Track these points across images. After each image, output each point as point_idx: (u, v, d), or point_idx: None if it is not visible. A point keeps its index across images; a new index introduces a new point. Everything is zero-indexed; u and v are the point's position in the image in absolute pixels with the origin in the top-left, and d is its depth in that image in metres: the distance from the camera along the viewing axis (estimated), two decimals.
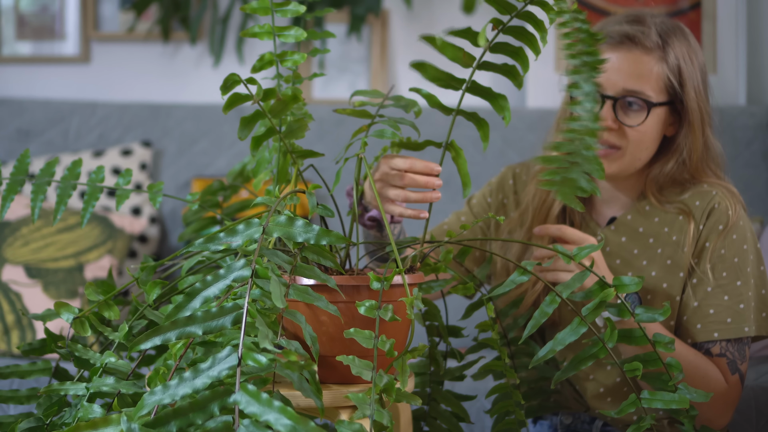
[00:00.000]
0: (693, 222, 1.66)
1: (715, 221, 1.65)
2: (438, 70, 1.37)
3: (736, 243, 1.65)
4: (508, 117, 1.37)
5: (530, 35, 1.32)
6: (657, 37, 1.68)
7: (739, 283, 1.64)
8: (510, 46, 1.34)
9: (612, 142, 1.67)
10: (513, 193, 1.84)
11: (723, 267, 1.64)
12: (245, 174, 1.69)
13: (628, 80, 1.66)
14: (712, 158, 1.73)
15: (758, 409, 2.10)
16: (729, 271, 1.64)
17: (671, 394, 1.37)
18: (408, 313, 1.24)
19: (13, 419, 1.38)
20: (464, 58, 1.34)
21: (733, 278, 1.64)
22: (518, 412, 1.53)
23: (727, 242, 1.65)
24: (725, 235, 1.65)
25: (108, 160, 2.98)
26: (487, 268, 1.65)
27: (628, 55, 1.67)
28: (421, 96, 1.41)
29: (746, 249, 1.66)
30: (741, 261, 1.65)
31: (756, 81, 3.19)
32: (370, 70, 3.29)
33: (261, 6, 1.41)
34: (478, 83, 1.38)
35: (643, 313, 1.40)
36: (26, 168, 1.50)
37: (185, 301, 1.14)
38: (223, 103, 1.34)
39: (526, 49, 1.33)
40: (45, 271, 2.69)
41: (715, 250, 1.65)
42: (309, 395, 1.11)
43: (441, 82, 1.38)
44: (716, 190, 1.68)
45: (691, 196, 1.69)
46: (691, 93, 1.68)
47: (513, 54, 1.35)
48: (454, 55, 1.35)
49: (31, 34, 3.35)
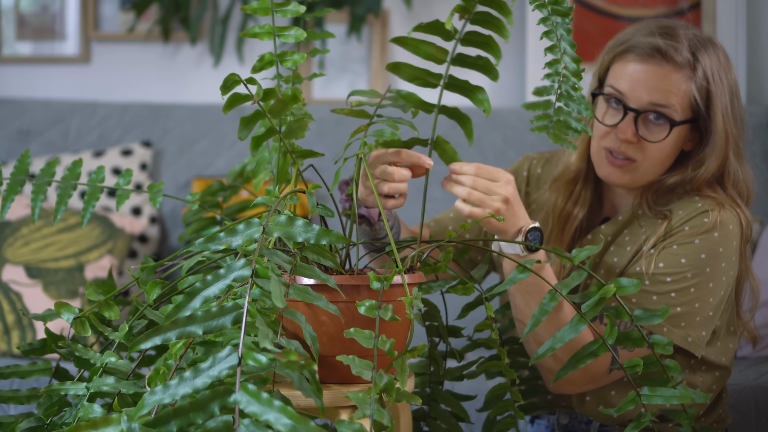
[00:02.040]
0: (667, 223, 1.63)
1: (686, 225, 1.62)
2: (414, 68, 1.38)
3: (694, 247, 1.60)
4: (488, 109, 1.38)
5: (496, 20, 1.32)
6: (689, 54, 1.63)
7: (669, 280, 1.58)
8: (480, 35, 1.35)
9: (629, 155, 1.63)
10: (525, 185, 1.84)
11: (664, 259, 1.60)
12: (245, 174, 1.69)
13: (654, 95, 1.61)
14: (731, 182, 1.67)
15: (758, 409, 2.10)
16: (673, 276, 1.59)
17: (671, 390, 1.37)
18: (408, 313, 1.24)
19: (14, 419, 1.38)
20: (437, 53, 1.35)
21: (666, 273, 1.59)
22: (516, 411, 1.53)
23: (686, 242, 1.60)
24: (688, 236, 1.60)
25: (108, 160, 2.98)
26: (485, 268, 1.65)
27: (656, 70, 1.62)
28: (400, 96, 1.41)
29: (703, 259, 1.59)
30: (688, 264, 1.59)
31: (756, 81, 3.19)
32: (370, 70, 3.29)
33: (261, 6, 1.42)
34: (455, 77, 1.39)
35: (641, 314, 1.40)
36: (26, 168, 1.50)
37: (185, 300, 1.14)
38: (223, 103, 1.34)
39: (496, 37, 1.33)
40: (45, 271, 2.69)
41: (669, 245, 1.61)
42: (309, 395, 1.11)
43: (419, 80, 1.39)
44: (704, 202, 1.64)
45: (677, 205, 1.65)
46: (717, 114, 1.64)
47: (483, 45, 1.35)
48: (427, 53, 1.36)
49: (32, 34, 3.35)
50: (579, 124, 1.27)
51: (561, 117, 1.30)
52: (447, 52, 1.35)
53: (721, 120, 1.64)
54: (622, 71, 1.65)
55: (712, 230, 1.60)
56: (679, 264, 1.59)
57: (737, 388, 2.11)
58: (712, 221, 1.60)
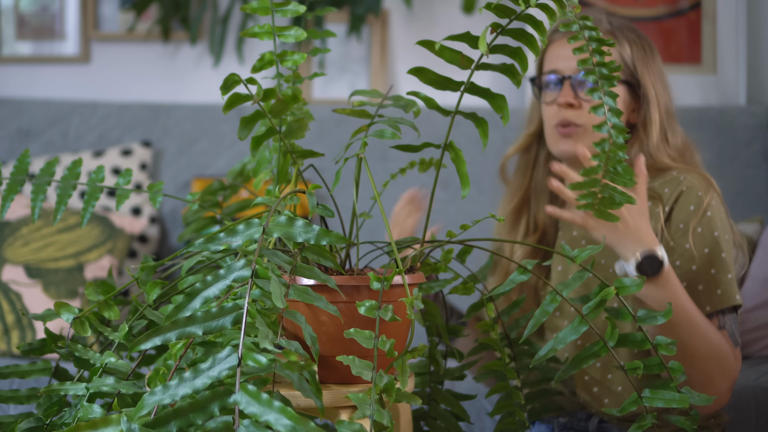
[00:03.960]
0: (661, 206, 1.68)
1: (685, 202, 1.67)
2: (435, 74, 1.37)
3: (712, 220, 1.67)
4: (507, 116, 1.37)
5: (529, 36, 1.32)
6: (608, 25, 1.79)
7: (724, 255, 1.66)
8: (508, 47, 1.34)
9: (574, 121, 1.73)
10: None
11: (704, 243, 1.66)
12: (245, 174, 1.69)
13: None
14: (669, 146, 1.78)
15: (758, 409, 2.10)
16: (711, 246, 1.66)
17: (672, 393, 1.36)
18: (408, 313, 1.24)
19: (13, 419, 1.38)
20: (462, 60, 1.34)
21: (717, 251, 1.65)
22: (519, 412, 1.53)
23: (704, 221, 1.67)
24: (699, 214, 1.67)
25: (108, 160, 2.98)
26: (488, 268, 1.65)
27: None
28: (420, 99, 1.41)
29: (721, 226, 1.68)
30: (721, 235, 1.67)
31: (756, 81, 3.19)
32: (370, 70, 3.29)
33: (261, 6, 1.41)
34: (476, 84, 1.38)
35: (644, 314, 1.40)
36: (26, 168, 1.50)
37: (185, 301, 1.13)
38: (223, 103, 1.34)
39: (525, 49, 1.33)
40: (45, 271, 2.69)
41: (694, 232, 1.66)
42: (309, 395, 1.11)
43: (438, 85, 1.38)
44: (685, 175, 1.71)
45: (661, 184, 1.73)
46: (645, 75, 1.76)
47: (512, 54, 1.35)
48: (452, 58, 1.35)
49: (31, 34, 3.35)
50: (623, 197, 1.28)
51: (606, 193, 1.29)
52: (472, 61, 1.35)
53: (649, 78, 1.77)
54: (551, 54, 1.81)
55: (710, 200, 1.68)
56: (714, 238, 1.67)
57: (737, 388, 2.11)
58: (705, 194, 1.69)
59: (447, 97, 1.63)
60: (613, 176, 1.30)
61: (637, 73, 1.77)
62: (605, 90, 1.27)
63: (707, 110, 2.97)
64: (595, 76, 1.27)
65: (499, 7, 1.29)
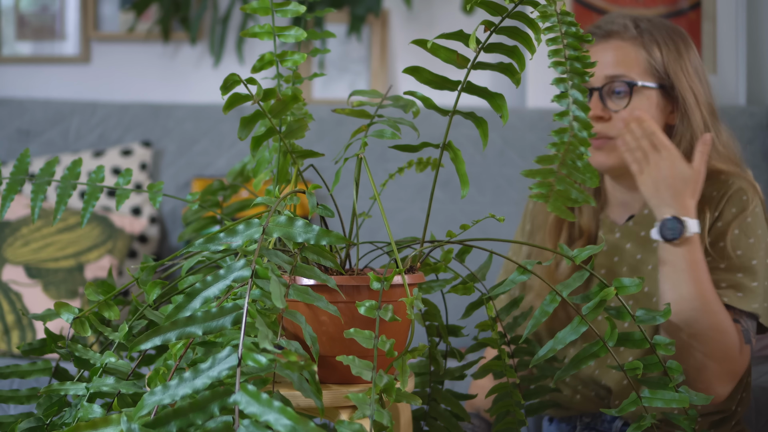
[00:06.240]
0: (708, 211, 1.67)
1: (730, 206, 1.66)
2: (432, 73, 1.37)
3: (751, 226, 1.66)
4: (506, 115, 1.37)
5: (524, 34, 1.32)
6: (633, 29, 1.73)
7: (755, 263, 1.65)
8: (505, 46, 1.34)
9: (603, 133, 1.70)
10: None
11: (737, 246, 1.65)
12: (245, 174, 1.69)
13: (609, 68, 1.70)
14: (717, 149, 1.74)
15: (758, 409, 2.10)
16: (744, 250, 1.65)
17: (672, 393, 1.37)
18: (408, 313, 1.24)
19: (13, 419, 1.38)
20: (458, 60, 1.34)
21: (749, 257, 1.64)
22: (518, 411, 1.53)
23: (743, 225, 1.66)
24: (740, 218, 1.66)
25: (108, 160, 2.98)
26: (488, 268, 1.65)
27: (605, 46, 1.72)
28: (418, 99, 1.41)
29: (760, 234, 1.67)
30: (756, 243, 1.66)
31: (756, 81, 3.19)
32: (370, 70, 3.29)
33: (261, 6, 1.41)
34: (474, 84, 1.38)
35: (643, 314, 1.40)
36: (26, 168, 1.50)
37: (185, 301, 1.14)
38: (223, 103, 1.34)
39: (522, 48, 1.33)
40: (45, 271, 2.69)
41: (731, 232, 1.65)
42: (309, 395, 1.11)
43: (435, 84, 1.38)
44: (733, 179, 1.69)
45: (708, 188, 1.70)
46: (680, 75, 1.72)
47: (508, 53, 1.34)
48: (448, 57, 1.35)
49: (31, 34, 3.35)
50: (580, 195, 1.26)
51: (562, 186, 1.28)
52: (468, 60, 1.35)
53: (684, 79, 1.72)
54: None
55: (754, 207, 1.67)
56: (750, 244, 1.66)
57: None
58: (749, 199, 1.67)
59: (446, 96, 1.63)
60: (572, 170, 1.28)
61: (670, 75, 1.72)
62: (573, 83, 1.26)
63: None
64: (564, 67, 1.26)
65: (489, 5, 1.28)
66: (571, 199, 1.26)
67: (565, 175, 1.25)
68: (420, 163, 1.59)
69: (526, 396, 1.59)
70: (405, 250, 1.52)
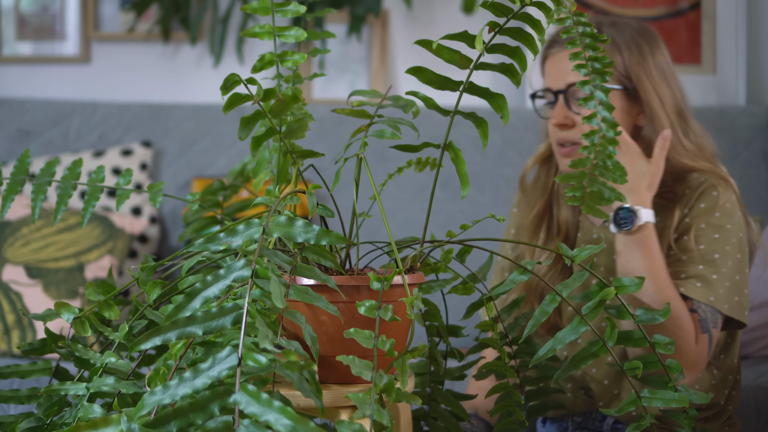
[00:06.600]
0: (678, 208, 1.69)
1: (700, 202, 1.68)
2: (434, 74, 1.37)
3: (718, 221, 1.68)
4: (507, 116, 1.37)
5: (527, 35, 1.32)
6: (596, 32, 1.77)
7: (717, 257, 1.66)
8: (507, 47, 1.34)
9: (572, 139, 1.73)
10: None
11: (701, 240, 1.67)
12: (245, 174, 1.69)
13: (570, 76, 1.73)
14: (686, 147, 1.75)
15: (758, 409, 2.10)
16: (707, 245, 1.67)
17: (671, 393, 1.37)
18: (408, 313, 1.24)
19: (14, 419, 1.38)
20: (461, 60, 1.34)
21: (711, 251, 1.65)
22: (518, 412, 1.53)
23: (710, 220, 1.68)
24: (708, 213, 1.68)
25: (108, 160, 2.98)
26: (488, 268, 1.65)
27: (563, 53, 1.74)
28: (419, 99, 1.41)
29: (729, 229, 1.68)
30: (721, 238, 1.67)
31: (756, 81, 3.19)
32: (370, 70, 3.29)
33: (261, 6, 1.41)
34: (476, 84, 1.38)
35: (642, 314, 1.40)
36: (26, 168, 1.50)
37: (185, 301, 1.14)
38: (223, 103, 1.34)
39: (524, 49, 1.33)
40: (45, 271, 2.69)
41: (695, 227, 1.67)
42: (309, 395, 1.11)
43: (438, 84, 1.38)
44: (706, 176, 1.71)
45: (680, 186, 1.72)
46: (642, 78, 1.74)
47: (511, 53, 1.35)
48: (451, 58, 1.35)
49: (32, 34, 3.35)
50: (612, 193, 1.28)
51: (595, 188, 1.30)
52: (471, 60, 1.35)
53: (646, 80, 1.74)
54: (544, 72, 1.81)
55: (724, 203, 1.68)
56: (714, 239, 1.67)
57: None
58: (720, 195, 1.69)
59: (447, 97, 1.64)
60: (603, 171, 1.29)
61: (632, 79, 1.74)
62: (596, 84, 1.26)
63: (707, 110, 2.97)
64: (586, 69, 1.26)
65: (496, 6, 1.29)
66: (604, 199, 1.28)
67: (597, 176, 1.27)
68: (420, 163, 1.59)
69: (528, 397, 1.59)
70: (405, 250, 1.52)
